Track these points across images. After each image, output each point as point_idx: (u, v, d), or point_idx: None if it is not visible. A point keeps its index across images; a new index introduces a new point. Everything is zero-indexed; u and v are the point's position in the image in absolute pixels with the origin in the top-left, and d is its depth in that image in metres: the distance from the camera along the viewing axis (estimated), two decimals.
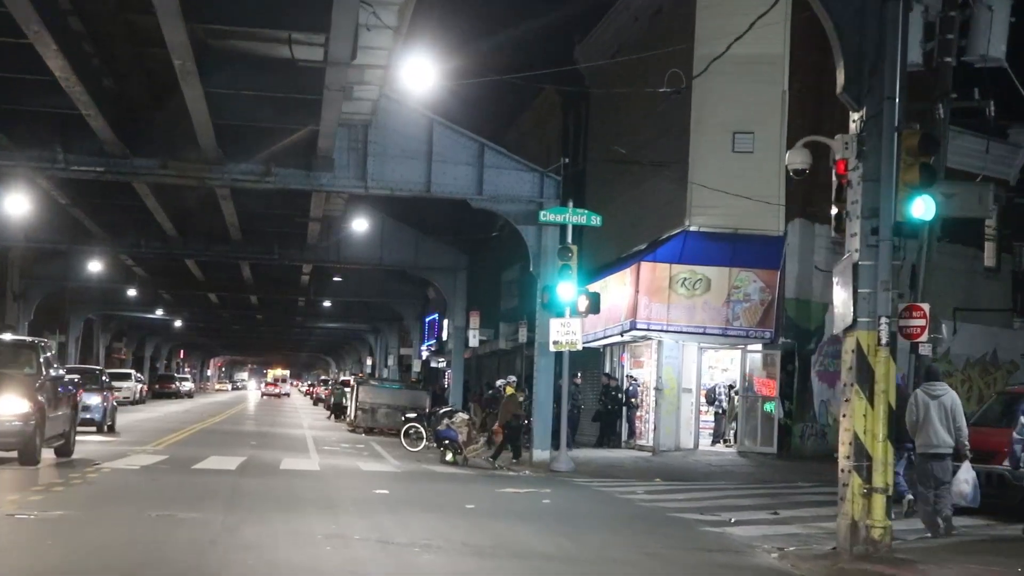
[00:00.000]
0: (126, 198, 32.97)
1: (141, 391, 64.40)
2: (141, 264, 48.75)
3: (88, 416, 29.69)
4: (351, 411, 43.08)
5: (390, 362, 67.14)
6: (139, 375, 68.28)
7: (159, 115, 25.37)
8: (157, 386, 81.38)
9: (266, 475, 19.84)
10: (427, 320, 63.02)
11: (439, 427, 28.36)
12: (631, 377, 33.24)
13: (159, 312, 68.84)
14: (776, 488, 21.50)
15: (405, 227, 42.20)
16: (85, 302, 61.01)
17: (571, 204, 26.81)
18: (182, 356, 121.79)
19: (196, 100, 21.20)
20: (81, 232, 39.33)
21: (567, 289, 26.03)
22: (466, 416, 28.74)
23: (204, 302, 62.74)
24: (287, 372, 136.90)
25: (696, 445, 30.55)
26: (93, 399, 30.41)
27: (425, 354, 63.13)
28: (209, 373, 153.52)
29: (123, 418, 42.82)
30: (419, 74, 20.73)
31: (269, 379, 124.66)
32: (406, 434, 32.46)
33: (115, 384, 61.66)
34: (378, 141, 26.81)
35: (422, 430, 32.55)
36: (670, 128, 30.75)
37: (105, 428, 31.85)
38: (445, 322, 60.77)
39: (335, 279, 52.41)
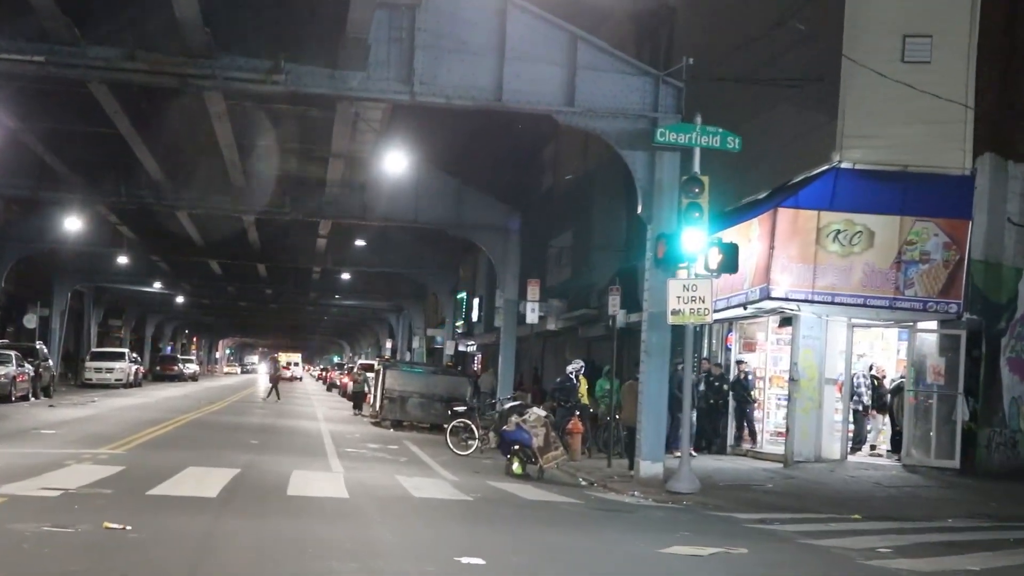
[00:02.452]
0: (92, 120, 25.45)
1: (137, 373, 57.29)
2: (127, 222, 40.98)
3: None
4: (375, 400, 35.56)
5: (415, 344, 59.41)
6: (134, 355, 61.00)
7: None
8: (158, 368, 74.94)
9: (264, 511, 12.29)
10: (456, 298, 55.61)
11: (505, 427, 20.89)
12: (741, 363, 25.59)
13: (157, 285, 61.34)
14: None
15: (446, 177, 34.49)
16: (70, 270, 53.53)
17: (699, 119, 19.17)
18: (190, 338, 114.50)
19: None
20: (47, 175, 31.74)
21: (694, 238, 18.49)
22: (543, 413, 21.16)
23: (205, 273, 55.04)
24: (299, 356, 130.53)
25: (844, 455, 22.93)
26: None
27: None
28: (217, 356, 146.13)
29: (102, 404, 35.69)
30: None
31: (281, 363, 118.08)
32: (453, 432, 25.03)
33: (108, 365, 55.30)
34: (430, 29, 19.15)
35: (474, 428, 25.12)
36: (811, 35, 22.97)
37: None
38: (475, 301, 53.37)
39: (357, 243, 44.56)
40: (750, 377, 25.46)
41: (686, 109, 19.99)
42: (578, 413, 25.16)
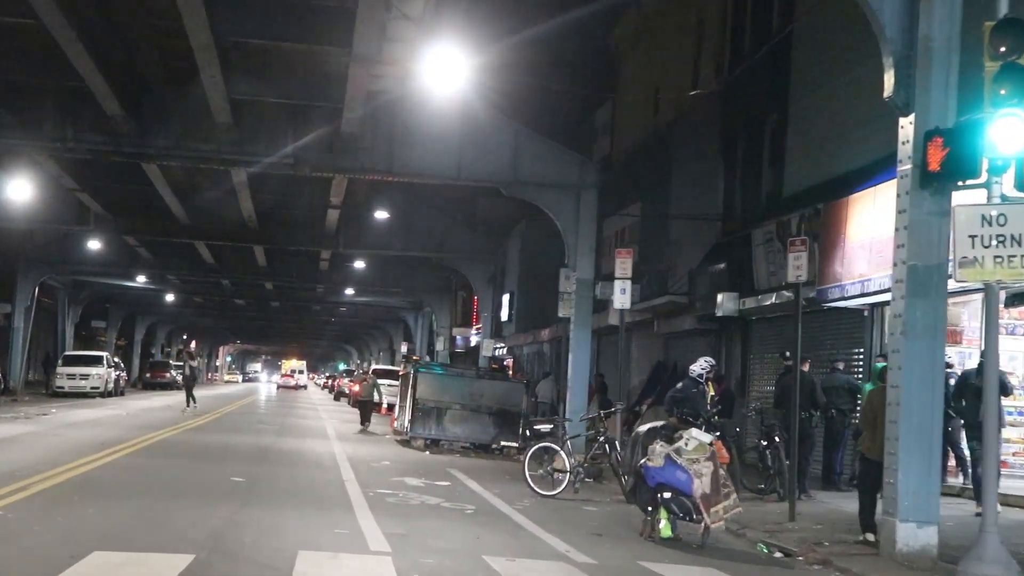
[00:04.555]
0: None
1: (118, 380, 49.18)
2: (87, 186, 32.52)
3: None
4: (403, 413, 27.35)
5: (440, 346, 51.06)
6: (116, 360, 52.74)
7: None
8: (148, 375, 67.15)
9: None
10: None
11: (648, 461, 12.68)
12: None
13: (141, 279, 53.05)
14: None
15: (500, 120, 25.94)
16: (35, 260, 45.24)
17: None
18: (189, 343, 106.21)
19: None
20: None
21: (1009, 129, 10.32)
22: (707, 439, 12.88)
23: (194, 261, 46.52)
24: (303, 363, 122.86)
25: None
26: None
27: (475, 338, 47.64)
28: (217, 363, 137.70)
29: (54, 419, 27.88)
30: None
31: (284, 370, 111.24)
32: (532, 461, 16.96)
33: (82, 371, 47.55)
34: None
35: (564, 456, 16.99)
36: None
37: None
38: (504, 297, 45.21)
39: (376, 216, 36.09)
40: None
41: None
42: (718, 434, 16.88)
